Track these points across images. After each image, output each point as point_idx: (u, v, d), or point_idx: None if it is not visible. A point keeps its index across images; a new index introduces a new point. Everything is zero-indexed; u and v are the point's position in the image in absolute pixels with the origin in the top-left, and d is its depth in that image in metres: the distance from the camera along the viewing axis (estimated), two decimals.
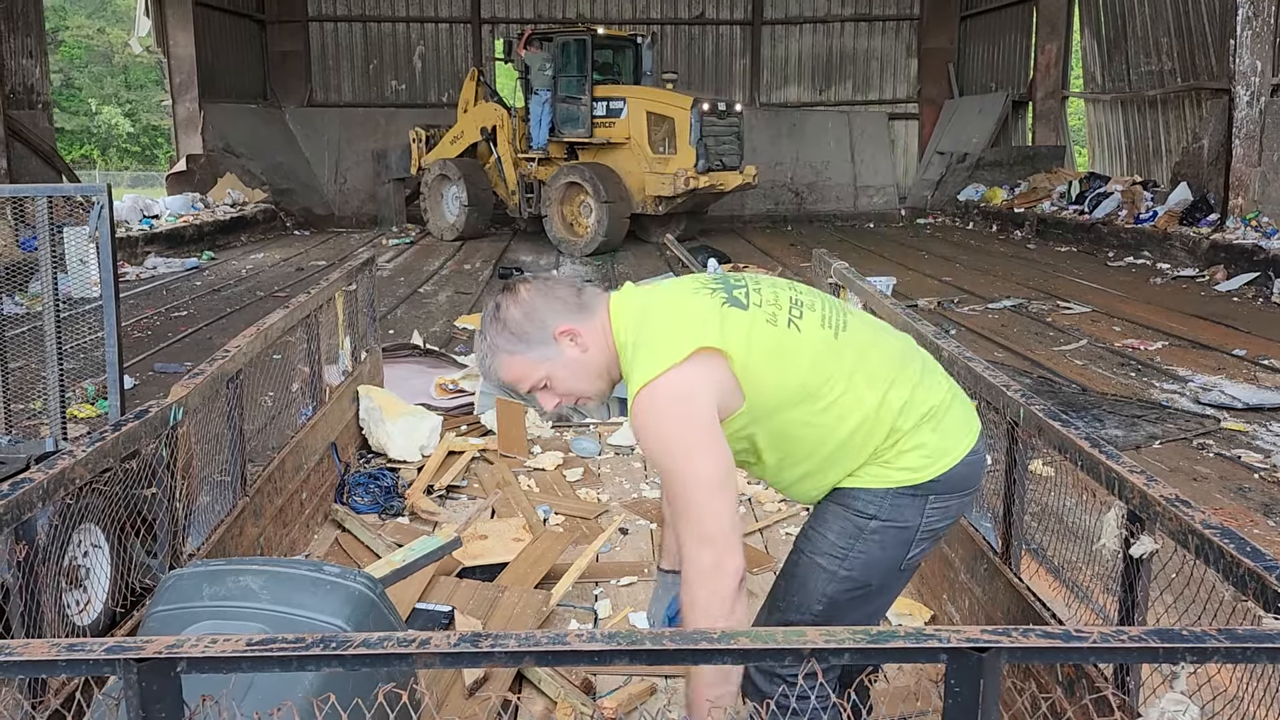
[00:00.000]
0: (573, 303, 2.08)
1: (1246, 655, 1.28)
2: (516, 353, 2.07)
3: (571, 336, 2.06)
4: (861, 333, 2.14)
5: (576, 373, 2.08)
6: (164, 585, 2.28)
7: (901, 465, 2.07)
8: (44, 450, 4.05)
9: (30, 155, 13.73)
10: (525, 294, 2.09)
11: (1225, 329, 8.91)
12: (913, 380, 2.11)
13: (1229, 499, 4.83)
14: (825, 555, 2.11)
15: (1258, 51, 12.16)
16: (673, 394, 1.95)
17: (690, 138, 14.64)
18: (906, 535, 2.09)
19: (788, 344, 2.04)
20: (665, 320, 2.03)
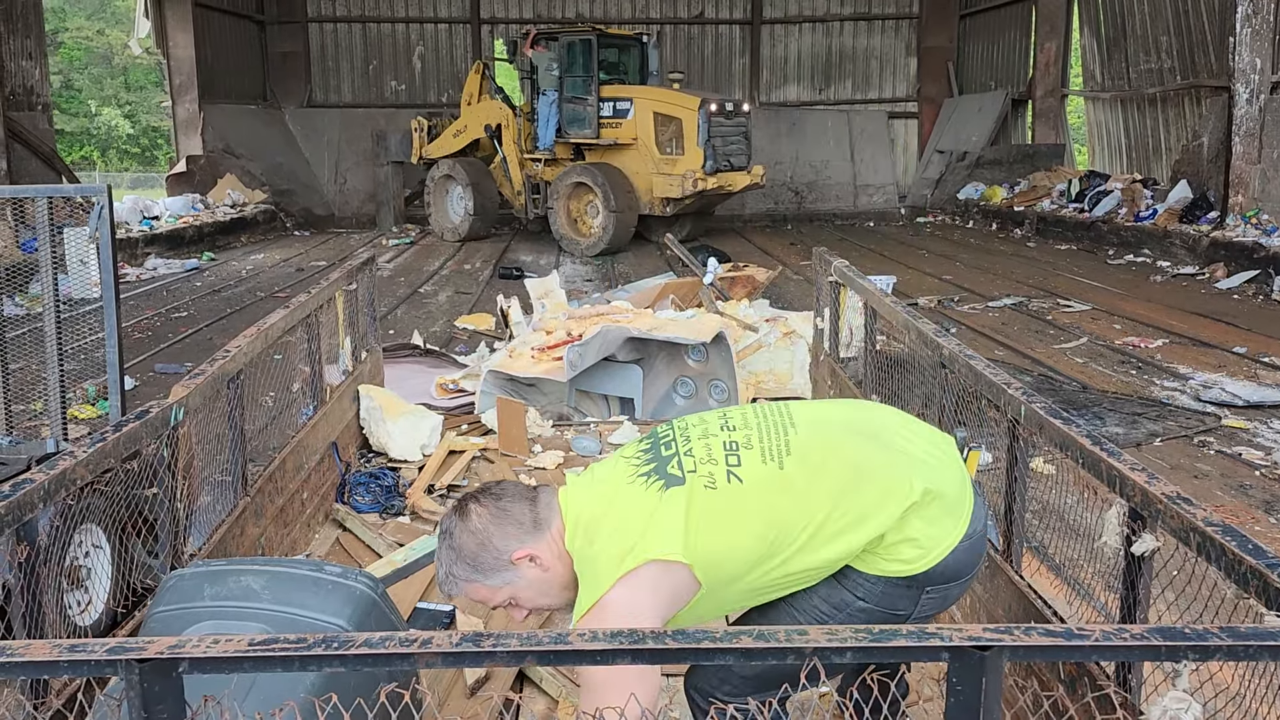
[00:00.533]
0: (527, 521, 2.04)
1: (1249, 653, 1.28)
2: (475, 581, 2.05)
3: (531, 558, 2.03)
4: (810, 448, 2.06)
5: (540, 590, 2.06)
6: (165, 586, 2.28)
7: (894, 557, 2.01)
8: (45, 451, 4.06)
9: (30, 157, 13.73)
10: (477, 521, 2.05)
11: (1225, 326, 8.91)
12: (885, 480, 2.03)
13: (1230, 496, 4.83)
14: (805, 614, 2.07)
15: (1257, 49, 12.16)
16: (616, 615, 1.89)
17: (698, 138, 14.52)
18: (895, 620, 2.01)
19: (733, 506, 1.99)
20: (607, 532, 1.99)
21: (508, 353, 6.22)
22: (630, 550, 1.94)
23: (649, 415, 5.97)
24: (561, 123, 15.63)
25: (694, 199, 14.79)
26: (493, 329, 8.82)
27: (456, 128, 17.10)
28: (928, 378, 3.60)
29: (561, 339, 6.02)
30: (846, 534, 2.01)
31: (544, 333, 6.33)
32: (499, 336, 8.20)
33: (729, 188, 15.11)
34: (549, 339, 6.13)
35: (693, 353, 6.10)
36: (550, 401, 5.95)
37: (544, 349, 5.98)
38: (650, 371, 6.16)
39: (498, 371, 5.90)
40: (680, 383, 6.21)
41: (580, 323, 6.28)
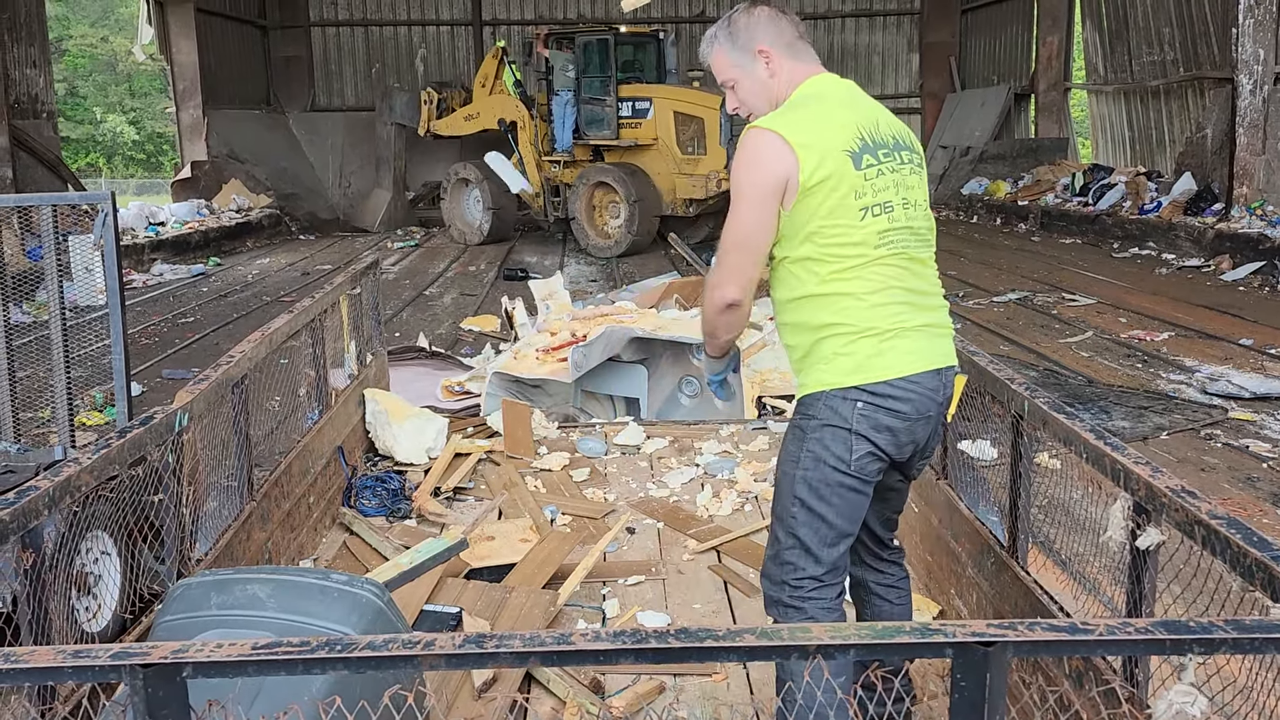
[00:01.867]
0: (788, 38, 2.45)
1: (1255, 646, 1.28)
2: (723, 47, 2.47)
3: (767, 59, 2.43)
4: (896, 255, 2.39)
5: (755, 89, 2.47)
6: (172, 594, 2.29)
7: (834, 367, 2.35)
8: (53, 458, 4.06)
9: (36, 164, 13.77)
10: (759, 13, 2.46)
11: (1231, 318, 8.88)
12: (893, 299, 2.36)
13: (1238, 489, 4.82)
14: (787, 463, 2.42)
15: (1260, 40, 12.12)
16: (759, 142, 2.30)
17: (720, 138, 14.16)
18: (842, 434, 2.34)
19: (844, 213, 2.31)
20: (811, 112, 2.37)
21: (513, 354, 6.22)
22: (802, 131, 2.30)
23: (654, 415, 5.97)
24: (579, 123, 15.38)
25: (717, 199, 14.41)
26: (498, 331, 8.83)
27: (469, 111, 16.75)
28: None
29: (566, 340, 6.02)
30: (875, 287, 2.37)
31: (549, 334, 6.33)
32: (504, 338, 8.20)
33: None
34: (554, 340, 6.14)
35: (697, 352, 6.10)
36: (556, 402, 5.95)
37: (549, 350, 5.99)
38: (655, 371, 6.17)
39: (503, 373, 5.91)
40: (685, 382, 6.21)
41: (585, 323, 6.29)
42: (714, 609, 3.64)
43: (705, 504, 4.60)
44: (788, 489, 2.41)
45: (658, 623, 3.50)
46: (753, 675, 3.08)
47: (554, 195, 15.91)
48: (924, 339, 2.40)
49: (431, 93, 17.40)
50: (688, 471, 5.02)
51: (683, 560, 4.04)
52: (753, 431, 5.50)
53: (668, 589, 3.79)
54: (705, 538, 4.19)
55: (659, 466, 5.15)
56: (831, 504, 2.35)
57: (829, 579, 2.39)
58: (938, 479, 3.49)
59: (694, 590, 3.78)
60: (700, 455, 5.24)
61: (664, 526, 4.37)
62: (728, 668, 3.06)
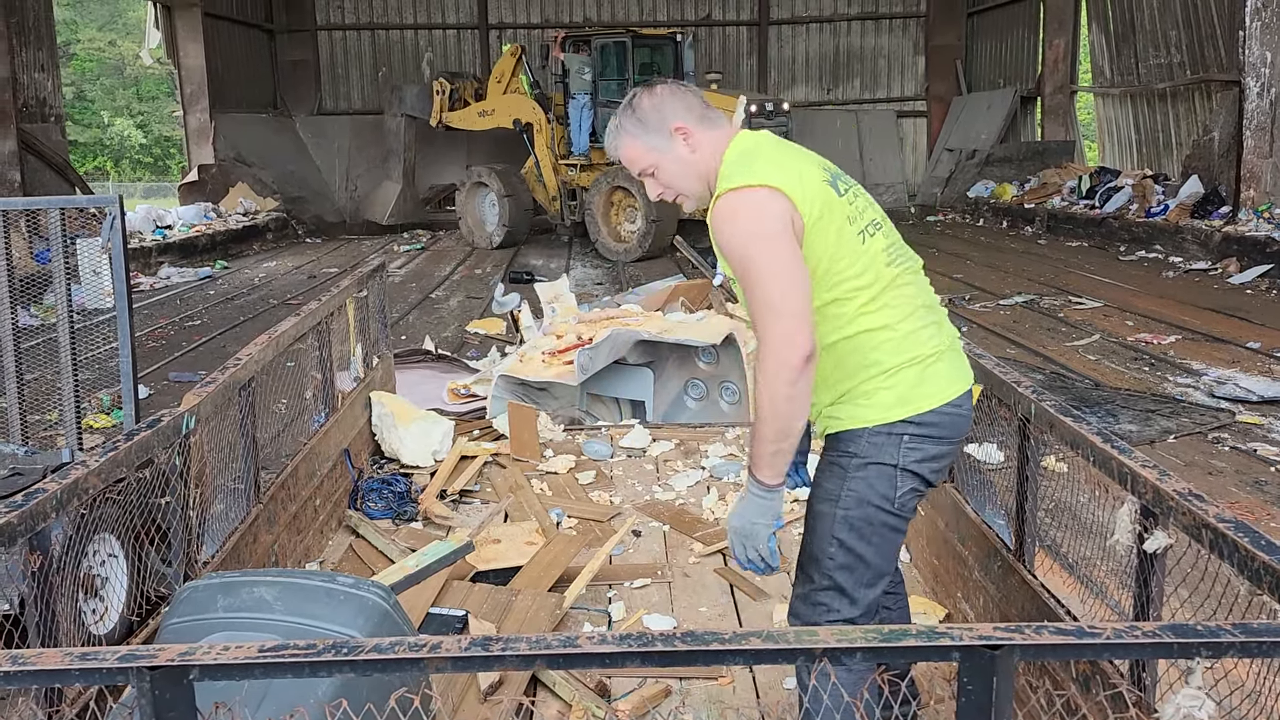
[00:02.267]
0: (697, 110, 2.32)
1: (1262, 649, 1.28)
2: (636, 137, 2.33)
3: (684, 135, 2.30)
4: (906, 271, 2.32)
5: (680, 170, 2.33)
6: (179, 597, 2.29)
7: (876, 403, 2.24)
8: (60, 461, 4.07)
9: (44, 168, 13.82)
10: (661, 91, 2.34)
11: (1239, 322, 8.86)
12: (923, 322, 2.28)
13: (1245, 492, 4.80)
14: (824, 501, 2.30)
15: (1267, 42, 12.09)
16: (751, 199, 2.16)
17: None
18: (887, 472, 2.24)
19: (848, 243, 2.23)
20: (767, 158, 2.25)
21: (518, 357, 6.22)
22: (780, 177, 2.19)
23: (660, 418, 5.97)
24: (596, 127, 15.17)
25: None
26: (503, 334, 8.84)
27: (483, 107, 16.52)
28: None
29: (572, 343, 6.02)
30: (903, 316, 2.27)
31: (554, 336, 6.33)
32: (510, 341, 8.21)
33: None
34: (559, 343, 6.14)
35: (703, 354, 6.10)
36: (561, 405, 5.96)
37: (555, 353, 5.99)
38: (661, 374, 6.16)
39: (509, 376, 5.91)
40: (691, 385, 6.21)
41: (590, 326, 6.29)
42: (720, 612, 3.64)
43: (711, 507, 4.60)
44: (825, 529, 2.28)
45: (664, 626, 3.50)
46: (759, 678, 3.08)
47: (570, 199, 15.76)
48: (955, 357, 2.34)
49: (444, 83, 17.08)
50: (694, 474, 5.02)
51: (689, 563, 4.03)
52: None
53: (674, 592, 3.79)
54: (711, 540, 4.19)
55: (665, 469, 5.15)
56: (872, 544, 2.26)
57: (863, 620, 2.28)
58: (944, 482, 3.48)
59: (700, 593, 3.78)
60: (706, 458, 5.23)
61: (670, 529, 4.37)
62: (734, 671, 3.06)
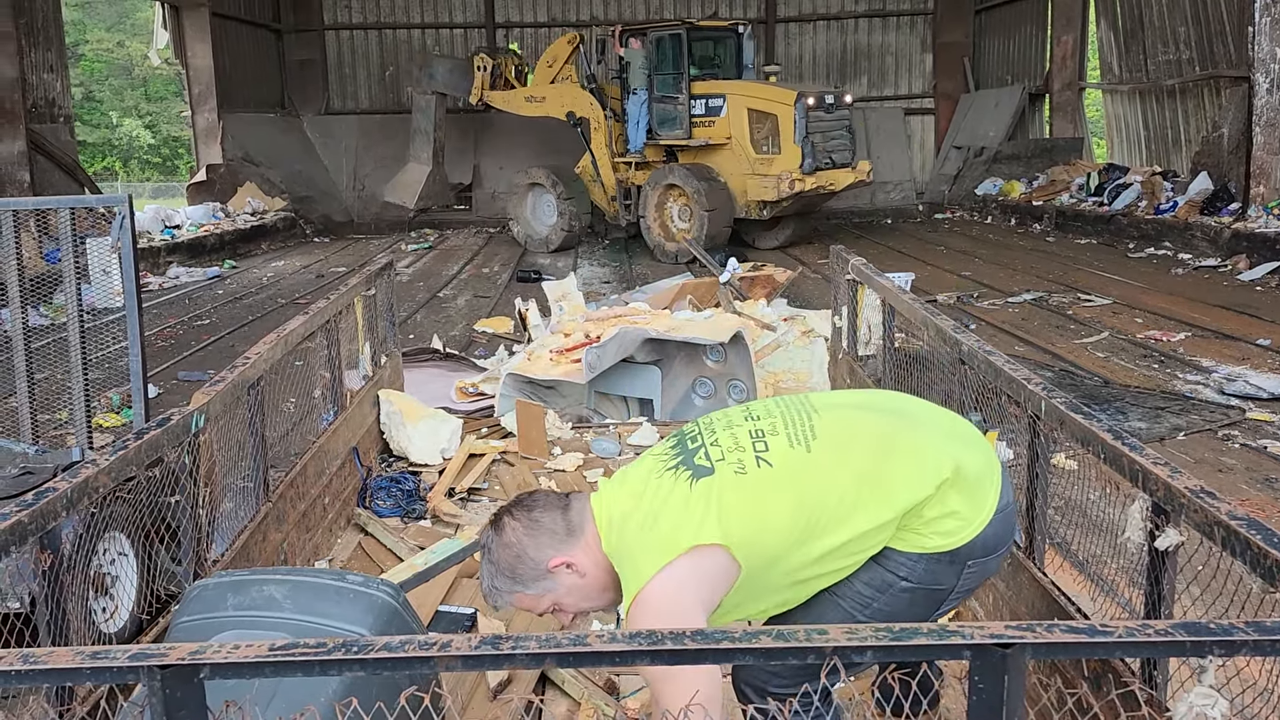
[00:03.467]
0: (560, 530, 2.09)
1: (1275, 648, 1.27)
2: (517, 591, 2.11)
3: (567, 565, 2.09)
4: (836, 429, 2.10)
5: (581, 595, 2.12)
6: (189, 596, 2.30)
7: (935, 531, 2.04)
8: (71, 460, 4.09)
9: (53, 168, 13.86)
10: (511, 535, 2.10)
11: (1249, 319, 8.82)
12: (914, 453, 2.08)
13: (1256, 490, 4.78)
14: (847, 599, 2.09)
15: (1277, 38, 12.04)
16: (658, 608, 1.94)
17: (795, 135, 13.40)
18: (938, 596, 2.08)
19: (764, 488, 2.03)
20: (640, 527, 2.03)
21: (526, 355, 6.23)
22: (666, 541, 1.98)
23: (668, 416, 5.96)
24: (652, 123, 14.72)
25: (792, 201, 13.64)
26: (511, 332, 8.84)
27: (532, 93, 15.85)
28: (947, 374, 3.58)
29: (580, 341, 6.02)
30: (879, 505, 2.03)
31: (562, 335, 6.33)
32: (518, 339, 8.21)
33: (830, 187, 13.87)
34: (567, 341, 6.14)
35: (711, 353, 6.10)
36: (569, 403, 5.96)
37: (562, 351, 5.99)
38: (669, 372, 6.16)
39: (517, 374, 5.92)
40: (699, 383, 6.20)
41: (598, 324, 6.29)
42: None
43: None
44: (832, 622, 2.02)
45: None
46: None
47: (625, 198, 15.15)
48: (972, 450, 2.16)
49: (485, 58, 16.33)
50: None
51: None
52: None
53: None
54: None
55: None
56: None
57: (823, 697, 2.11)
58: None
59: None
60: None
61: None
62: None
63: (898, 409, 2.23)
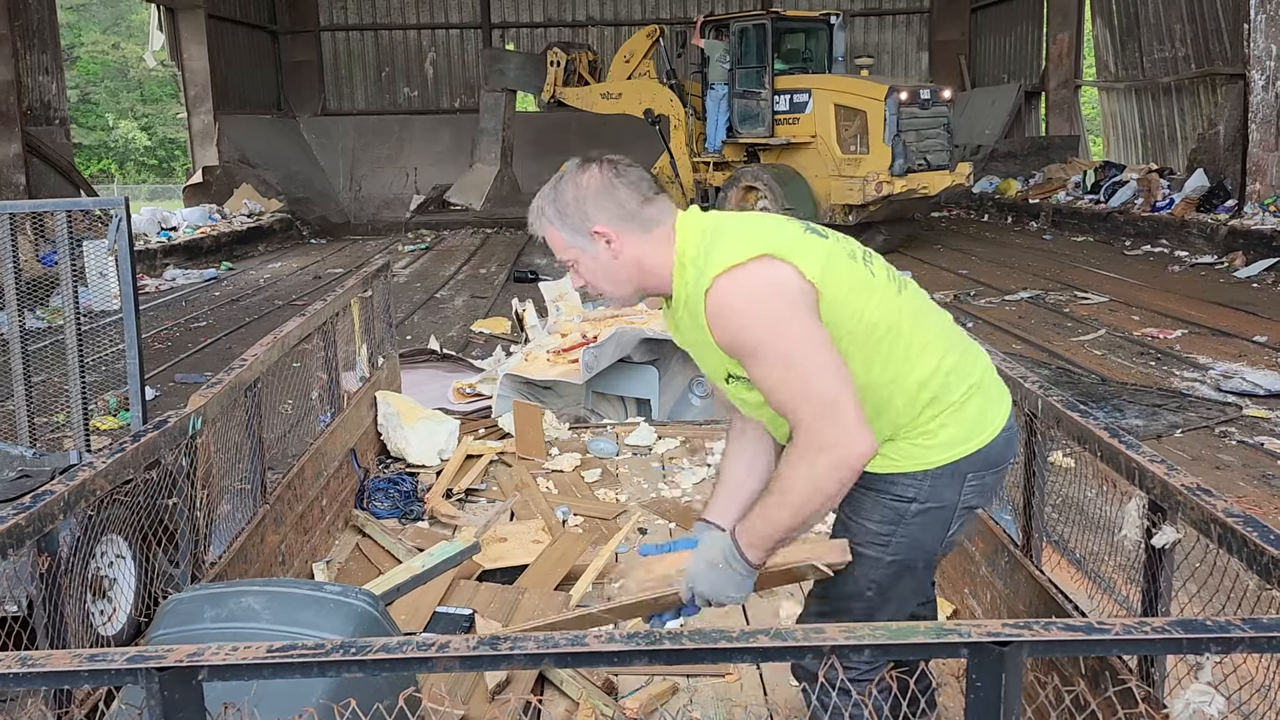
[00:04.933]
0: (628, 208, 2.04)
1: (1272, 644, 1.27)
2: (554, 226, 2.09)
3: (606, 239, 2.05)
4: (917, 297, 2.16)
5: (602, 271, 2.09)
6: (164, 610, 2.28)
7: (941, 440, 2.06)
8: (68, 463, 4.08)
9: (49, 171, 13.85)
10: (586, 179, 2.06)
11: (1245, 315, 8.83)
12: (960, 349, 2.13)
13: (1253, 487, 4.79)
14: (869, 545, 2.10)
15: (1273, 35, 12.05)
16: (756, 274, 1.92)
17: (885, 134, 12.33)
18: (945, 514, 2.09)
19: (863, 279, 2.04)
20: (741, 230, 2.02)
21: (524, 356, 6.23)
22: (770, 243, 1.96)
23: (666, 416, 5.96)
24: (732, 120, 13.86)
25: (880, 205, 12.55)
26: (508, 332, 8.84)
27: (608, 89, 15.01)
28: None
29: (577, 341, 6.02)
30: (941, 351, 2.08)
31: (559, 335, 6.33)
32: (515, 340, 8.21)
33: (924, 191, 12.72)
34: (564, 341, 6.14)
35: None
36: (567, 404, 5.96)
37: (560, 351, 5.99)
38: (666, 372, 6.16)
39: (514, 375, 5.91)
40: (696, 382, 6.20)
41: (595, 324, 6.29)
42: (726, 610, 3.63)
43: None
44: (863, 572, 2.11)
45: (671, 624, 3.50)
46: (766, 676, 3.08)
47: (704, 201, 14.10)
48: (994, 376, 2.20)
49: (559, 53, 15.56)
50: (699, 471, 5.01)
51: None
52: None
53: None
54: None
55: (670, 467, 5.15)
56: (909, 584, 2.15)
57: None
58: None
59: None
60: (712, 455, 5.23)
61: (676, 527, 4.37)
62: (741, 668, 3.06)
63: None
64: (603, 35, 20.99)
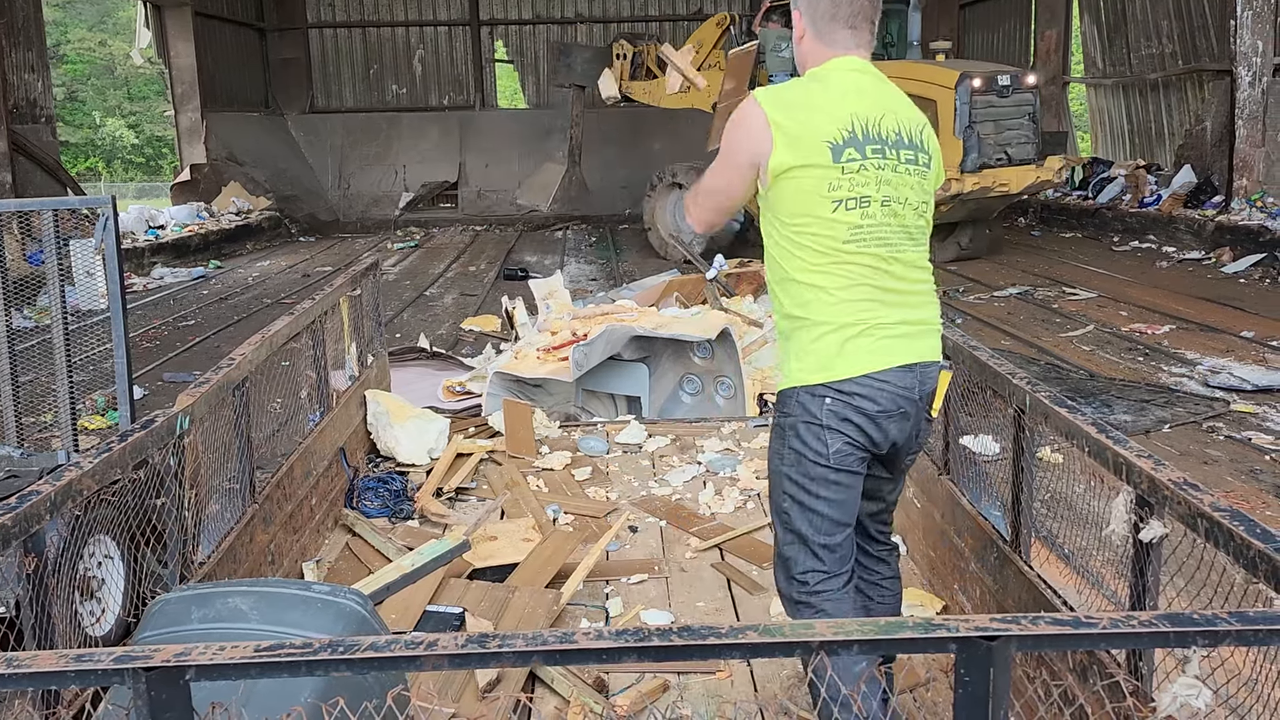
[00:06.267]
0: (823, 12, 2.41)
1: (1258, 638, 1.28)
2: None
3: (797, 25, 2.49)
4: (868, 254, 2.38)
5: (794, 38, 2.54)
6: (151, 610, 2.27)
7: (804, 365, 2.39)
8: (56, 463, 4.06)
9: (35, 169, 13.77)
10: None
11: (1233, 311, 8.87)
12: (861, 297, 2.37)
13: (1240, 481, 4.81)
14: (774, 459, 2.47)
15: (1258, 32, 12.11)
16: (744, 111, 2.39)
17: (955, 126, 10.98)
18: (815, 429, 2.38)
19: (811, 205, 2.35)
20: (806, 91, 2.42)
21: (514, 354, 6.22)
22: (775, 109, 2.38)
23: (656, 414, 5.97)
24: None
25: (951, 205, 11.16)
26: (498, 330, 8.83)
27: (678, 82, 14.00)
28: None
29: (567, 339, 6.02)
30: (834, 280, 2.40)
31: (549, 333, 6.33)
32: (505, 338, 8.20)
33: (1002, 189, 11.28)
34: (554, 339, 6.14)
35: (698, 350, 6.10)
36: (557, 402, 5.95)
37: (550, 349, 5.99)
38: (656, 370, 6.16)
39: (504, 373, 5.91)
40: (686, 380, 6.20)
41: (585, 322, 6.28)
42: (717, 606, 3.64)
43: (707, 502, 4.60)
44: (777, 486, 2.46)
45: (661, 621, 3.50)
46: (756, 672, 3.08)
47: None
48: (893, 336, 2.40)
49: (626, 45, 14.63)
50: (690, 469, 5.02)
51: (685, 558, 4.04)
52: (754, 429, 5.50)
53: (671, 587, 3.79)
54: (708, 535, 4.19)
55: (661, 465, 5.15)
56: (820, 496, 2.39)
57: (835, 568, 2.41)
58: (940, 474, 3.49)
59: (697, 588, 3.78)
60: (702, 453, 5.23)
61: (666, 525, 4.37)
62: (732, 665, 3.06)
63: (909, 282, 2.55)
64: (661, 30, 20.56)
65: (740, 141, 2.41)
